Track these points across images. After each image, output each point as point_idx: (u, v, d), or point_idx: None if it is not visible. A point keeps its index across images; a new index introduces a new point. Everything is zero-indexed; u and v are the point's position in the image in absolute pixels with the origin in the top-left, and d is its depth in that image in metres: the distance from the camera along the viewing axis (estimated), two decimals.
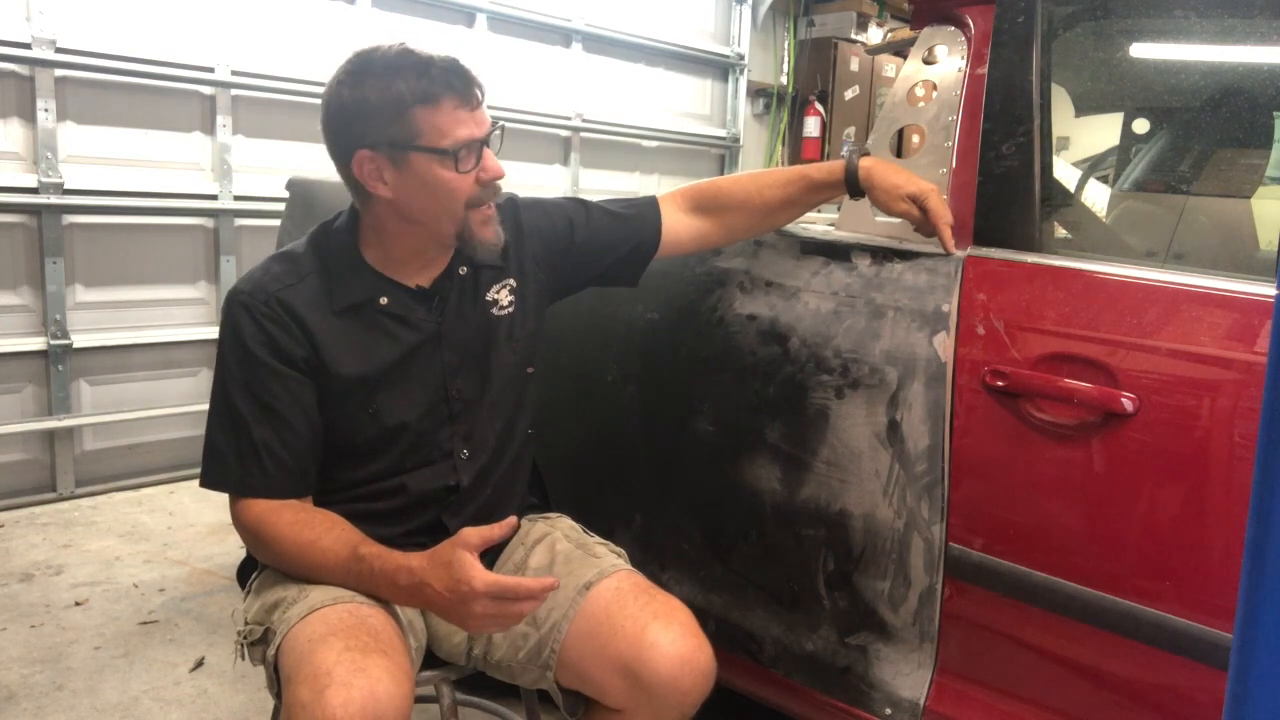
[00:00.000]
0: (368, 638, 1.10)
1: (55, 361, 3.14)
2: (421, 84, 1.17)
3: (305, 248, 1.30)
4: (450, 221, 1.24)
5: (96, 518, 3.07)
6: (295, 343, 1.23)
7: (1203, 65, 1.57)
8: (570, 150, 4.64)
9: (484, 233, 1.26)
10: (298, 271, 1.26)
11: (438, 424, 1.32)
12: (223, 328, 1.26)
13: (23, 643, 2.22)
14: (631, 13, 4.74)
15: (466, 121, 1.20)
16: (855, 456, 1.44)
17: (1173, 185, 1.78)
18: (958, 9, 1.47)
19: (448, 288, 1.32)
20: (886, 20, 6.00)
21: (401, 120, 1.18)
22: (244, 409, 1.22)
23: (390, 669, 1.07)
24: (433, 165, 1.20)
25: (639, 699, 1.20)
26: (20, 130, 3.02)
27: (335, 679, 1.03)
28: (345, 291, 1.26)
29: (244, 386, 1.23)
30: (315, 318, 1.24)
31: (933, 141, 1.46)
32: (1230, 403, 1.15)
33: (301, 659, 1.08)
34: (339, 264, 1.28)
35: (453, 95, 1.18)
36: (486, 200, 1.25)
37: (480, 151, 1.22)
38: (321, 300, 1.25)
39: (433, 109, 1.18)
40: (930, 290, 1.39)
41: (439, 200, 1.22)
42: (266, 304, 1.23)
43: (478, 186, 1.23)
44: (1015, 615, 1.33)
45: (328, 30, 3.67)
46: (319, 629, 1.11)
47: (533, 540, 1.41)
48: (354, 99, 1.19)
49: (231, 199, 3.46)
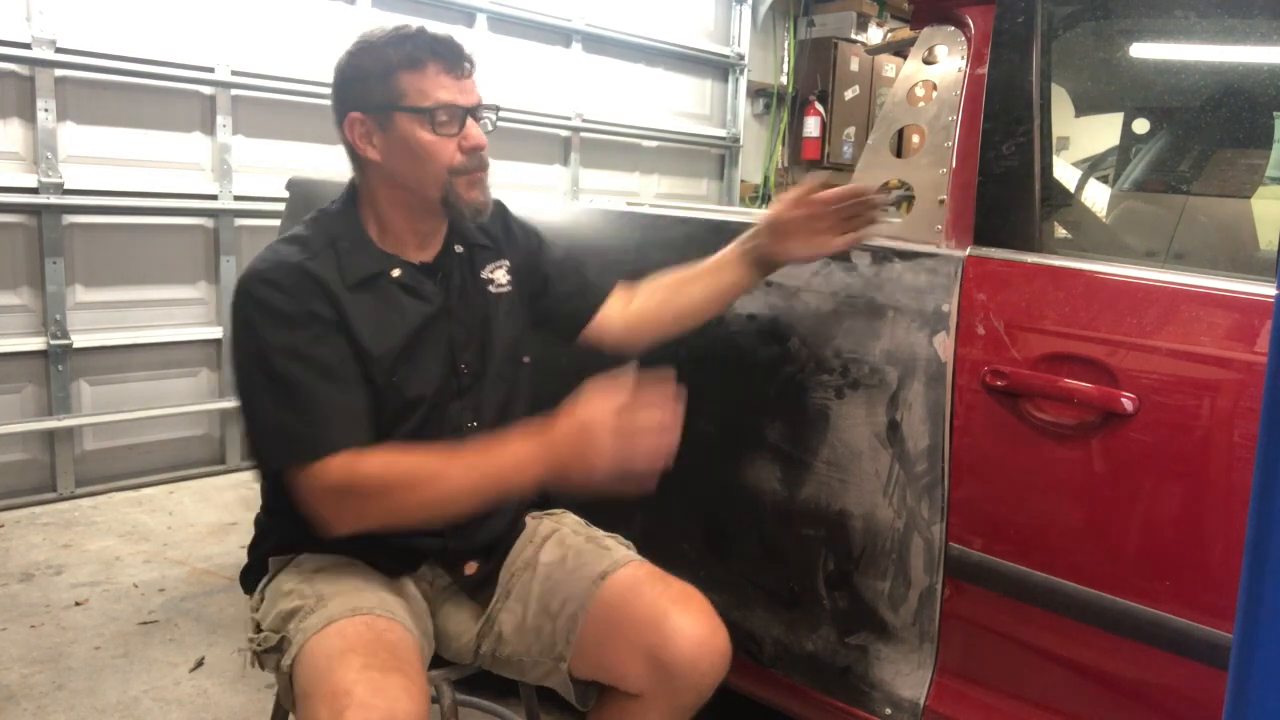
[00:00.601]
0: (386, 654, 1.10)
1: (55, 361, 3.14)
2: (407, 49, 1.22)
3: (309, 229, 1.30)
4: (434, 185, 1.25)
5: (96, 518, 3.07)
6: (327, 307, 1.22)
7: (1203, 65, 1.57)
8: (570, 150, 4.64)
9: (470, 194, 1.27)
10: (310, 249, 1.25)
11: (449, 397, 1.33)
12: (244, 311, 1.21)
13: (23, 643, 2.22)
14: (631, 13, 4.74)
15: (449, 86, 1.23)
16: (855, 456, 1.44)
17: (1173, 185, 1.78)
18: (958, 9, 1.47)
19: (449, 264, 1.34)
20: (886, 20, 6.00)
21: (387, 82, 1.22)
22: (295, 373, 1.18)
23: (408, 688, 1.07)
24: (414, 126, 1.23)
25: (660, 682, 1.23)
26: (20, 130, 3.02)
27: (355, 699, 1.02)
28: (357, 266, 1.26)
29: (289, 352, 1.18)
30: (336, 289, 1.24)
31: (933, 141, 1.46)
32: (1230, 403, 1.15)
33: (319, 675, 1.08)
34: (345, 241, 1.28)
35: (437, 60, 1.23)
36: (471, 169, 1.26)
37: (464, 119, 1.24)
38: (336, 276, 1.25)
39: (417, 73, 1.22)
40: (930, 290, 1.39)
41: (421, 163, 1.24)
42: (290, 274, 1.21)
43: (461, 154, 1.25)
44: (1015, 615, 1.33)
45: (328, 30, 3.67)
46: (337, 644, 1.11)
47: (541, 537, 1.42)
48: (350, 66, 1.26)
49: (231, 199, 3.47)
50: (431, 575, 1.38)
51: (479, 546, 1.39)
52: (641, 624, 1.24)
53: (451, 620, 1.38)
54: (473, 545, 1.38)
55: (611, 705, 1.30)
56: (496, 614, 1.36)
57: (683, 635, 1.22)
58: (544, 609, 1.32)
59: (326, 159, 3.74)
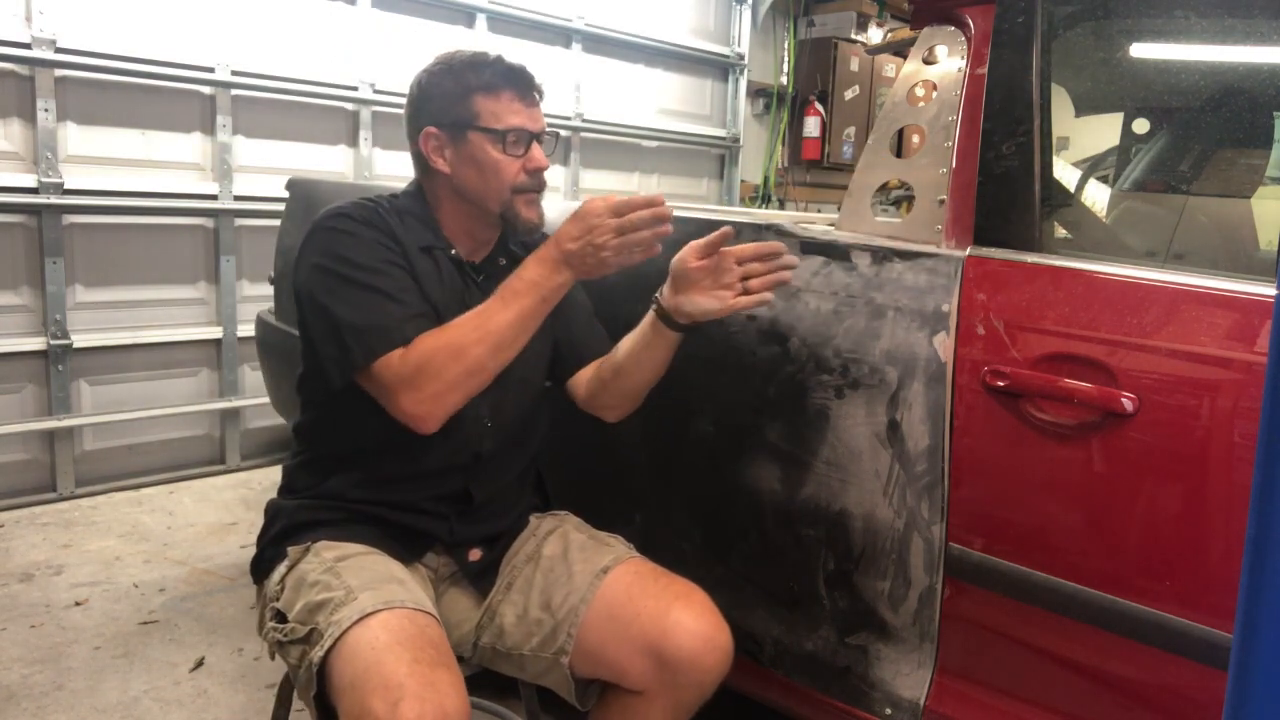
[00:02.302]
0: (432, 650, 1.12)
1: (55, 361, 3.14)
2: (485, 75, 1.34)
3: (379, 201, 1.37)
4: (496, 200, 1.35)
5: (96, 518, 3.07)
6: (397, 251, 1.32)
7: (1203, 65, 1.57)
8: (570, 150, 4.64)
9: (528, 213, 1.37)
10: (379, 210, 1.35)
11: None
12: (322, 239, 1.30)
13: (23, 643, 2.22)
14: (631, 13, 4.74)
15: (521, 113, 1.34)
16: (855, 456, 1.44)
17: (1173, 185, 1.78)
18: (958, 9, 1.47)
19: (494, 269, 1.42)
20: (886, 20, 6.00)
21: (464, 103, 1.33)
22: (374, 281, 1.27)
23: (455, 684, 1.09)
24: (485, 144, 1.33)
25: (662, 678, 1.24)
26: (20, 130, 3.02)
27: (409, 692, 1.04)
28: (422, 235, 1.36)
29: (369, 269, 1.27)
30: (405, 244, 1.33)
31: (933, 141, 1.46)
32: (1230, 403, 1.15)
33: (369, 668, 1.09)
34: (413, 217, 1.38)
35: (511, 88, 1.34)
36: (532, 189, 1.36)
37: (530, 143, 1.35)
38: (405, 236, 1.34)
39: (493, 97, 1.33)
40: (930, 290, 1.39)
41: (487, 178, 1.34)
42: (371, 215, 1.32)
43: (524, 174, 1.35)
44: (1015, 615, 1.32)
45: (328, 30, 3.67)
46: (383, 636, 1.12)
47: (545, 532, 1.44)
48: (430, 84, 1.36)
49: (231, 199, 3.47)
50: (436, 562, 1.40)
51: (482, 535, 1.41)
52: (644, 619, 1.25)
53: (453, 609, 1.39)
54: (477, 533, 1.40)
55: (613, 703, 1.30)
56: (497, 605, 1.37)
57: (685, 631, 1.23)
58: (545, 602, 1.33)
59: (326, 159, 3.74)
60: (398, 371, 1.22)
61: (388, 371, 1.23)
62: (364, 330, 1.24)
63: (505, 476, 1.43)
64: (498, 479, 1.42)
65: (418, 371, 1.22)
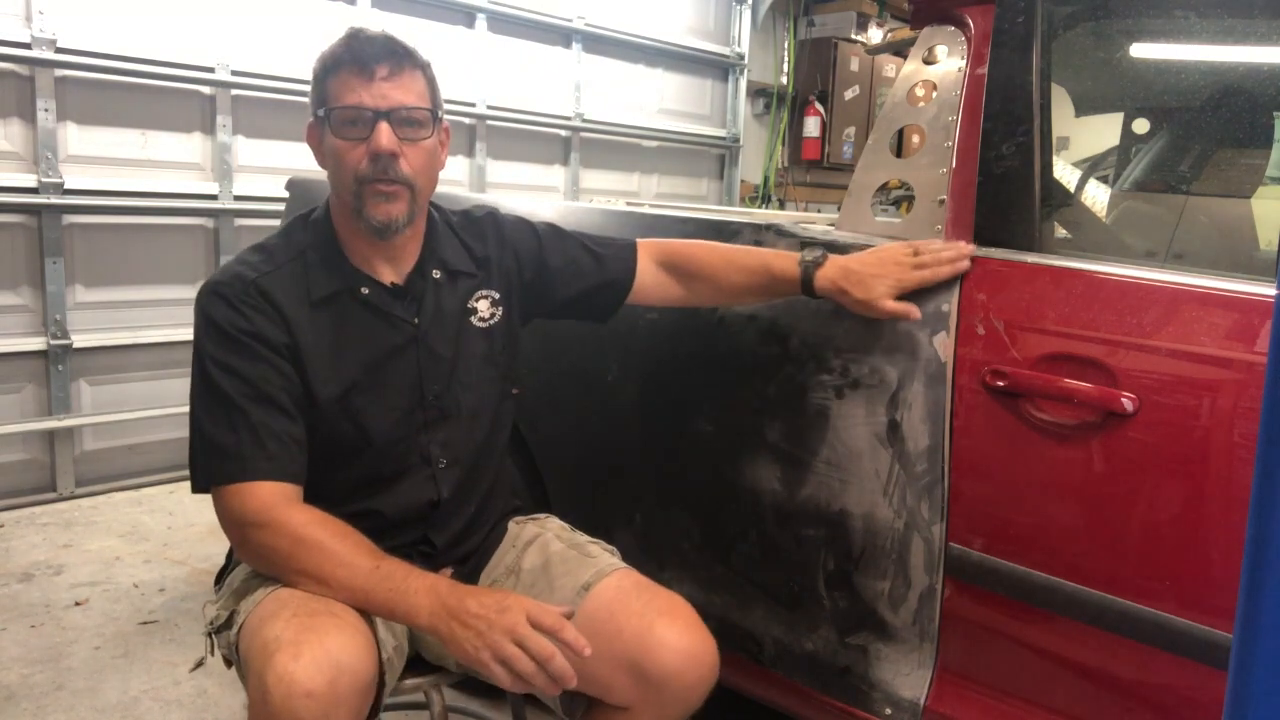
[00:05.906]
0: (317, 604, 1.08)
1: (55, 361, 3.14)
2: (334, 52, 1.22)
3: (281, 238, 1.28)
4: (346, 192, 1.21)
5: (96, 518, 3.07)
6: (275, 328, 1.20)
7: (1202, 65, 1.57)
8: (570, 150, 4.64)
9: (372, 210, 1.20)
10: (273, 260, 1.24)
11: (414, 429, 1.29)
12: (197, 322, 1.21)
13: (23, 643, 2.22)
14: (631, 13, 4.74)
15: (357, 89, 1.19)
16: (855, 456, 1.44)
17: (1173, 185, 1.78)
18: (958, 9, 1.47)
19: (422, 288, 1.30)
20: (886, 20, 6.00)
21: (318, 88, 1.23)
22: (235, 394, 1.16)
23: (340, 625, 1.04)
24: (326, 131, 1.22)
25: (646, 695, 1.20)
26: (20, 130, 3.02)
27: (283, 642, 1.01)
28: (323, 281, 1.23)
29: (231, 372, 1.17)
30: (293, 307, 1.21)
31: (933, 141, 1.46)
32: (1230, 403, 1.15)
33: (253, 635, 1.07)
34: (316, 253, 1.25)
35: (351, 64, 1.20)
36: (376, 176, 1.19)
37: (373, 124, 1.18)
38: (299, 289, 1.22)
39: (334, 76, 1.21)
40: (930, 290, 1.39)
41: (335, 170, 1.22)
42: (244, 291, 1.19)
43: (366, 161, 1.19)
44: (1015, 615, 1.32)
45: (328, 30, 3.65)
46: (271, 606, 1.10)
47: (524, 542, 1.40)
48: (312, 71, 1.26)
49: (231, 199, 3.47)
50: None
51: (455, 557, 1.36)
52: (626, 636, 1.20)
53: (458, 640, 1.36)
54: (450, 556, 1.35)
55: (599, 717, 1.28)
56: None
57: (668, 648, 1.19)
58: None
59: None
60: (236, 507, 1.15)
61: (225, 500, 1.17)
62: (207, 453, 1.17)
63: (468, 510, 1.37)
64: (460, 515, 1.36)
65: (256, 527, 1.14)
